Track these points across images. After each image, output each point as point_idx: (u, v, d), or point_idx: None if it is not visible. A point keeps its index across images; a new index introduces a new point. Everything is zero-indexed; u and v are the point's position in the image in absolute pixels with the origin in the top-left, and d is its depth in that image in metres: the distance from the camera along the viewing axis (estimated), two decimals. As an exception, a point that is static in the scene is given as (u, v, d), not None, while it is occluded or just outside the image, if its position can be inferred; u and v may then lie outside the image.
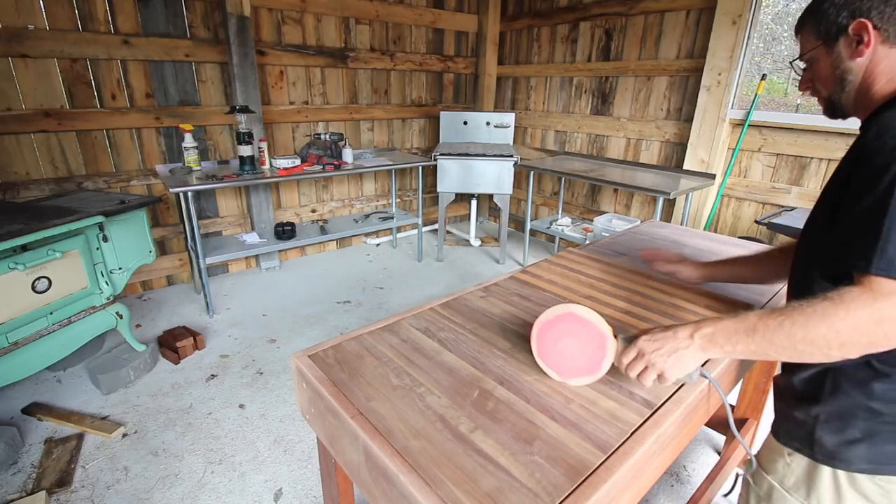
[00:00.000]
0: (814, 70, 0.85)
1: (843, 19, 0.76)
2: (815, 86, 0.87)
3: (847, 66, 0.79)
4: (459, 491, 0.65)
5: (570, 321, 0.88)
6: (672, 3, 3.04)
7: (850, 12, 0.75)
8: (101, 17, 2.63)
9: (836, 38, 0.78)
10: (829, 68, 0.82)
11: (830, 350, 0.67)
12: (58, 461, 1.75)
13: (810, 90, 0.88)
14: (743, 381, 1.76)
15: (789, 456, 0.87)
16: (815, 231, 0.83)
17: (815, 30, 0.81)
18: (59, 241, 1.90)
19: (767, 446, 0.94)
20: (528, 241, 3.72)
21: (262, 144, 2.97)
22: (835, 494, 0.81)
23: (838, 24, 0.77)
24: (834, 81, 0.82)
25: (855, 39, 0.76)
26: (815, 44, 0.82)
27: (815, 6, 0.81)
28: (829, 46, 0.80)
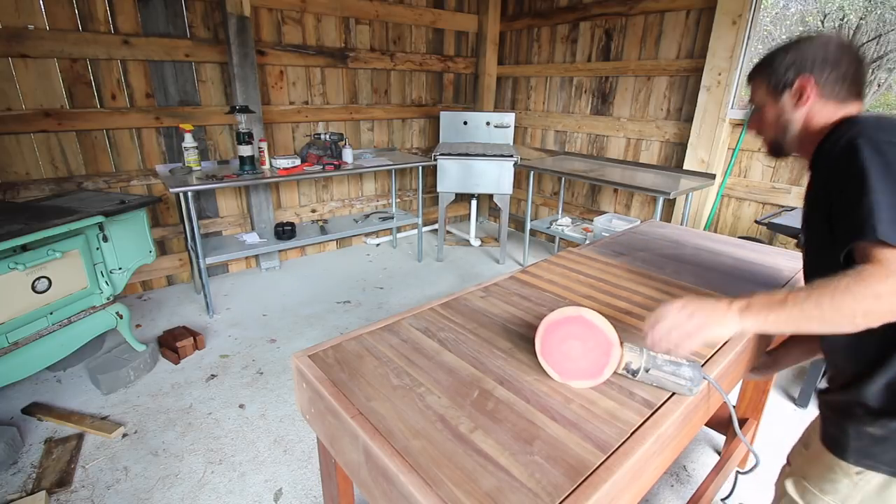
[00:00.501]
0: (762, 115, 0.98)
1: (790, 76, 0.91)
2: (760, 128, 1.00)
3: (789, 115, 0.93)
4: (459, 491, 0.65)
5: (579, 324, 0.88)
6: (672, 3, 3.04)
7: (795, 71, 0.90)
8: (101, 17, 2.63)
9: (783, 91, 0.93)
10: (774, 115, 0.96)
11: (855, 318, 0.70)
12: (58, 461, 1.75)
13: (756, 131, 1.02)
14: (743, 381, 1.76)
15: (858, 475, 0.84)
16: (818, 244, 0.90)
17: (766, 82, 0.95)
18: (59, 241, 1.90)
19: (818, 461, 0.91)
20: (528, 241, 3.72)
21: (262, 144, 2.97)
22: None
23: (785, 80, 0.91)
24: (778, 126, 0.96)
25: (798, 93, 0.91)
26: (764, 94, 0.96)
27: (767, 62, 0.95)
28: (775, 97, 0.94)
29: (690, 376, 0.85)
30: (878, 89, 9.27)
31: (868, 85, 0.94)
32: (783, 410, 2.15)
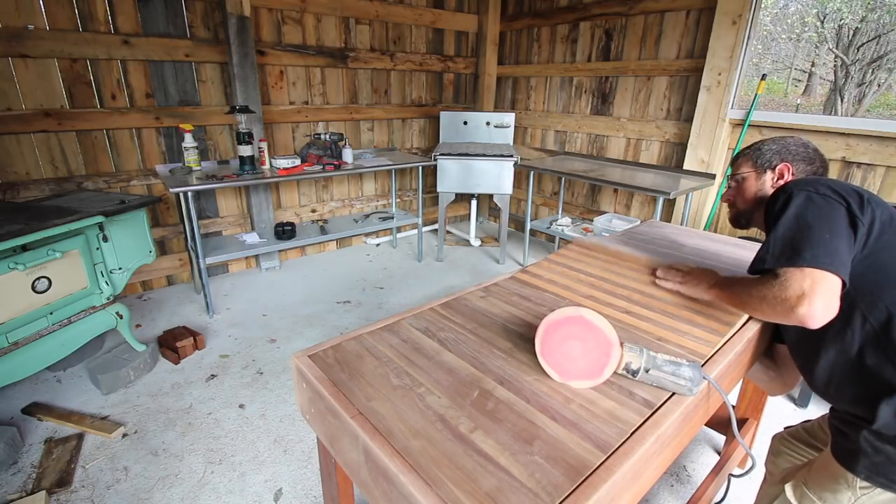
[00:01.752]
0: (740, 187, 1.18)
1: (775, 159, 1.13)
2: (736, 199, 1.19)
3: (766, 191, 1.14)
4: (459, 491, 0.65)
5: (579, 324, 0.88)
6: (672, 3, 3.04)
7: (780, 157, 1.13)
8: (101, 17, 2.63)
9: (765, 171, 1.14)
10: (753, 189, 1.15)
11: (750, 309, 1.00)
12: (58, 461, 1.75)
13: (730, 201, 1.21)
14: (743, 382, 1.76)
15: (862, 490, 0.88)
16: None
17: (753, 161, 1.16)
18: (59, 241, 1.90)
19: (824, 471, 0.94)
20: (528, 241, 3.72)
21: (262, 144, 2.97)
22: None
23: (769, 162, 1.14)
24: (753, 200, 1.16)
25: (779, 175, 1.13)
26: (749, 170, 1.17)
27: (756, 146, 1.17)
28: (758, 175, 1.15)
29: (690, 376, 0.85)
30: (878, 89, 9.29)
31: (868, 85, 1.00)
32: (783, 410, 2.15)
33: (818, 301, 0.82)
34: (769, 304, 0.90)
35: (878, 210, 0.90)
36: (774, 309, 0.89)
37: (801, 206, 0.91)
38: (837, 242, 0.85)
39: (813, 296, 0.82)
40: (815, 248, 0.84)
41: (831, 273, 0.82)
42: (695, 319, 1.12)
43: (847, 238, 0.86)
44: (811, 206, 0.90)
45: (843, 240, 0.86)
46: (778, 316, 0.89)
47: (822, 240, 0.85)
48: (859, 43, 9.34)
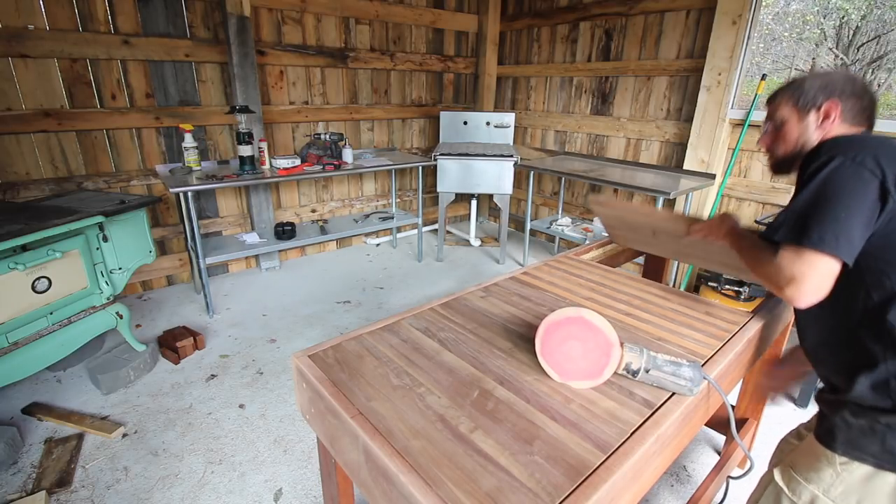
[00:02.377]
0: (780, 131, 1.04)
1: (819, 98, 0.97)
2: (774, 143, 1.06)
3: (809, 136, 1.00)
4: (459, 491, 0.65)
5: (579, 325, 0.88)
6: (672, 3, 3.04)
7: (826, 94, 0.97)
8: (101, 17, 2.63)
9: (808, 111, 0.99)
10: (795, 133, 1.01)
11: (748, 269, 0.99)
12: (58, 461, 1.75)
13: (768, 145, 1.08)
14: (743, 382, 1.76)
15: (843, 465, 0.89)
16: None
17: (793, 100, 1.01)
18: (59, 241, 1.90)
19: (807, 452, 0.96)
20: (528, 241, 3.72)
21: (262, 144, 2.97)
22: (892, 500, 0.86)
23: (814, 100, 0.98)
24: (795, 144, 1.02)
25: (824, 115, 0.97)
26: (790, 112, 1.02)
27: (796, 84, 1.02)
28: (800, 116, 1.00)
29: (690, 376, 0.85)
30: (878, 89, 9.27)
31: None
32: (783, 410, 2.15)
33: (809, 285, 0.83)
34: (764, 275, 0.92)
35: None
36: (767, 281, 0.91)
37: (829, 176, 0.84)
38: (852, 221, 0.81)
39: (805, 280, 0.83)
40: (824, 227, 0.82)
41: (831, 257, 0.81)
42: (694, 324, 1.12)
43: (867, 215, 0.82)
44: (839, 176, 0.83)
45: (861, 217, 0.81)
46: (769, 286, 0.92)
47: (836, 218, 0.81)
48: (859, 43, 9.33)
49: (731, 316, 1.16)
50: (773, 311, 1.22)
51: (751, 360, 1.21)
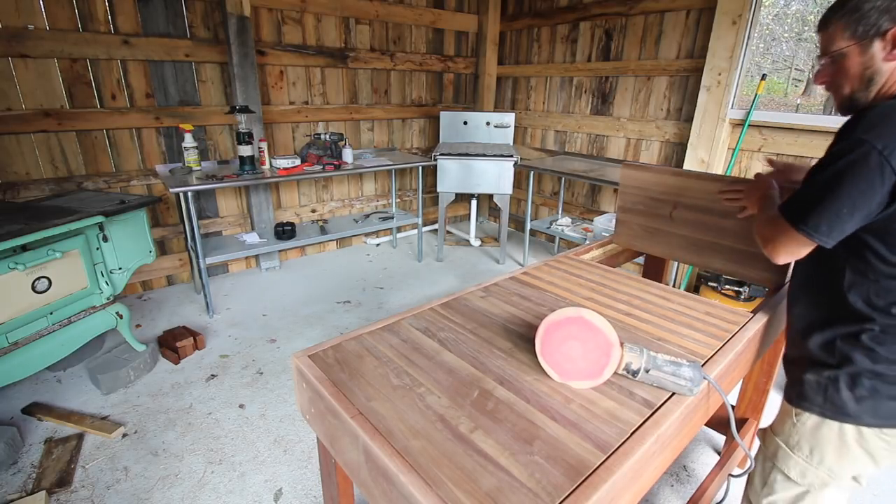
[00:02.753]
0: (839, 66, 0.88)
1: (885, 23, 0.80)
2: (834, 81, 0.91)
3: (878, 68, 0.84)
4: (459, 491, 0.65)
5: (579, 325, 0.88)
6: (672, 3, 3.04)
7: (892, 18, 0.80)
8: (101, 17, 2.63)
9: (873, 40, 0.82)
10: (858, 67, 0.85)
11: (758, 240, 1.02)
12: (58, 461, 1.75)
13: (827, 84, 0.93)
14: (743, 382, 1.76)
15: (797, 416, 1.00)
16: None
17: (850, 29, 0.84)
18: (59, 241, 1.90)
19: (780, 413, 1.07)
20: (528, 241, 3.72)
21: (262, 144, 2.97)
22: (838, 447, 0.95)
23: (878, 27, 0.81)
24: (861, 80, 0.87)
25: (891, 44, 0.81)
26: (847, 42, 0.85)
27: (853, 6, 0.84)
28: (863, 46, 0.84)
29: (691, 376, 0.85)
30: (878, 89, 9.22)
31: None
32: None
33: (785, 254, 0.95)
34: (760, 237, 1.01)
35: None
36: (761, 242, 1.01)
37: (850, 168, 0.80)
38: (852, 218, 0.82)
39: (782, 249, 0.94)
40: (822, 217, 0.85)
41: (809, 237, 0.88)
42: (694, 324, 1.12)
43: (868, 213, 0.81)
44: (859, 172, 0.79)
45: (861, 216, 0.82)
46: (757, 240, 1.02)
47: (838, 214, 0.83)
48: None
49: (731, 316, 1.16)
50: (773, 311, 1.22)
51: (751, 360, 1.21)
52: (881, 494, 1.72)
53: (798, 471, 1.01)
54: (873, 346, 0.88)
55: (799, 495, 1.02)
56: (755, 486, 1.11)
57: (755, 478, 1.11)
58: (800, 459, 1.00)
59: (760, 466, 1.10)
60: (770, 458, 1.06)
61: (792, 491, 1.03)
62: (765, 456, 1.08)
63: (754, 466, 1.13)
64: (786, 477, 1.03)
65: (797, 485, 1.02)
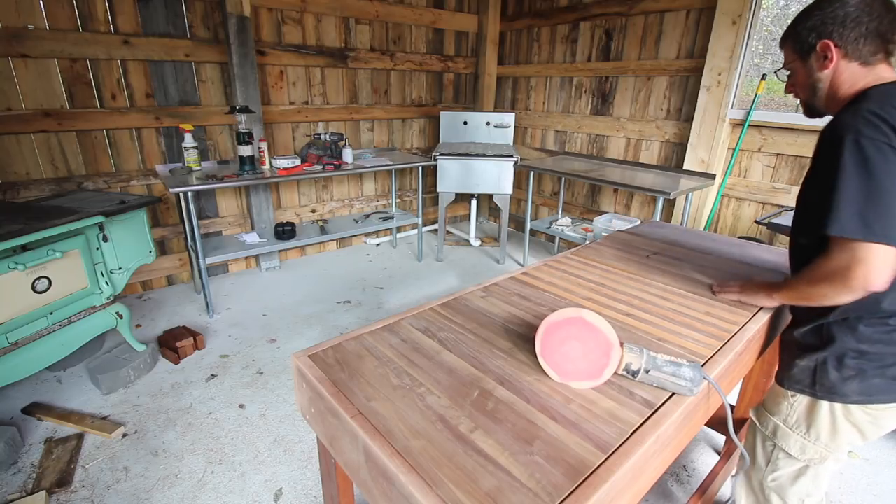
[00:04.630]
0: (794, 78, 1.06)
1: (812, 40, 0.97)
2: (795, 90, 1.09)
3: (817, 76, 1.00)
4: (459, 491, 0.65)
5: (579, 325, 0.88)
6: (672, 3, 3.04)
7: (817, 34, 0.96)
8: (101, 17, 2.63)
9: (809, 54, 1.00)
10: (804, 78, 1.03)
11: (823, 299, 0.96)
12: (58, 461, 1.75)
13: (792, 93, 1.10)
14: (743, 382, 1.76)
15: (792, 398, 1.09)
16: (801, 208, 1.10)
17: (793, 47, 1.03)
18: (59, 241, 1.90)
19: (772, 392, 1.16)
20: (528, 241, 3.72)
21: (262, 144, 2.97)
22: (831, 425, 1.04)
23: (809, 43, 0.98)
24: (808, 88, 1.04)
25: (822, 55, 0.97)
26: (793, 57, 1.04)
27: (792, 29, 1.02)
28: (803, 60, 1.01)
29: (691, 377, 0.85)
30: (878, 89, 9.22)
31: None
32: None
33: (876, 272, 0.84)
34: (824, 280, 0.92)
35: None
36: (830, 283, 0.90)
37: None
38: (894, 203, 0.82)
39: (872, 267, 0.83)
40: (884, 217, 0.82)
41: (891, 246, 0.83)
42: (694, 324, 1.12)
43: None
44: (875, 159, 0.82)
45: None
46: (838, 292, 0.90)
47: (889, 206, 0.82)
48: None
49: (731, 316, 1.16)
50: (773, 311, 1.22)
51: (751, 361, 1.21)
52: (881, 494, 1.72)
53: (798, 448, 1.09)
54: (856, 325, 0.98)
55: (800, 470, 1.12)
56: (758, 464, 1.19)
57: (757, 458, 1.20)
58: (799, 437, 1.09)
59: (761, 446, 1.18)
60: (770, 438, 1.15)
61: (794, 466, 1.12)
62: (763, 436, 1.17)
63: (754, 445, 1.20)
64: (787, 454, 1.12)
65: (797, 460, 1.11)
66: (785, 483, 1.15)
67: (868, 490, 1.73)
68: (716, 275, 1.40)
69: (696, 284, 1.33)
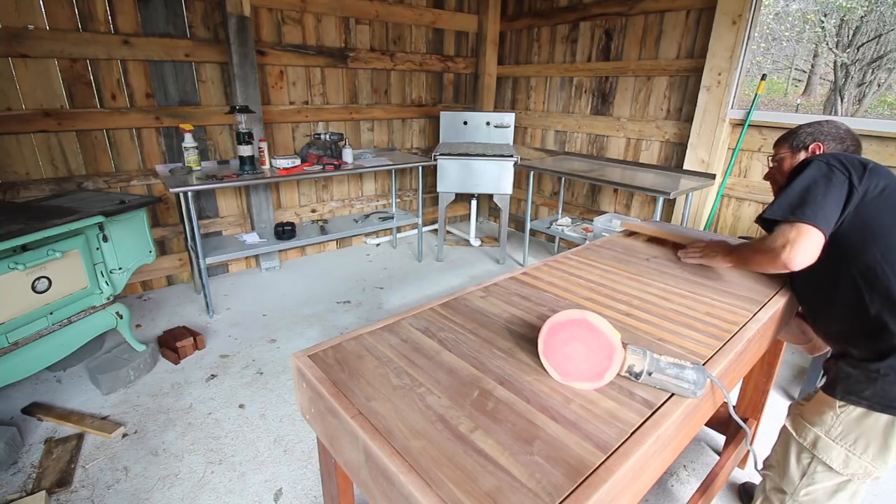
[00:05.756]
0: (780, 167, 1.34)
1: (808, 140, 1.30)
2: (775, 177, 1.36)
3: None
4: (459, 491, 0.65)
5: (583, 327, 0.88)
6: (672, 3, 3.04)
7: (812, 138, 1.29)
8: (101, 17, 2.63)
9: (800, 151, 1.31)
10: (789, 167, 1.30)
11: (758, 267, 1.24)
12: (58, 461, 1.75)
13: (771, 179, 1.39)
14: (743, 382, 1.76)
15: (840, 409, 1.08)
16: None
17: (789, 143, 1.33)
18: (59, 241, 1.90)
19: (815, 402, 1.15)
20: (528, 241, 3.72)
21: (262, 144, 2.97)
22: (884, 438, 1.03)
23: (804, 142, 1.30)
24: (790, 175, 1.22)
25: (810, 153, 1.27)
26: (785, 151, 1.33)
27: (793, 131, 1.33)
28: (794, 154, 1.31)
29: (694, 379, 0.84)
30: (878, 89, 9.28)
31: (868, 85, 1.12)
32: (783, 410, 2.15)
33: (800, 248, 1.06)
34: (763, 253, 1.15)
35: (875, 179, 1.08)
36: (766, 256, 1.13)
37: (812, 172, 1.11)
38: (828, 203, 1.06)
39: (798, 244, 1.06)
40: (809, 206, 1.06)
41: (814, 227, 1.05)
42: (695, 325, 1.12)
43: (837, 201, 1.07)
44: (819, 172, 1.10)
45: (834, 201, 1.06)
46: (768, 262, 1.14)
47: (817, 200, 1.06)
48: (859, 43, 9.32)
49: (732, 316, 1.16)
50: (773, 312, 1.22)
51: (751, 361, 1.21)
52: (881, 494, 1.72)
53: (841, 461, 1.07)
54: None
55: (840, 484, 1.10)
56: (790, 476, 1.17)
57: (790, 471, 1.17)
58: (843, 449, 1.07)
59: (795, 458, 1.16)
60: (808, 450, 1.12)
61: (834, 480, 1.10)
62: (800, 447, 1.14)
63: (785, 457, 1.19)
64: (827, 467, 1.10)
65: (839, 474, 1.09)
66: (820, 498, 1.13)
67: (868, 490, 1.73)
68: (716, 275, 1.40)
69: (696, 285, 1.33)
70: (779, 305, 1.25)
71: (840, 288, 1.10)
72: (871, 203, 1.06)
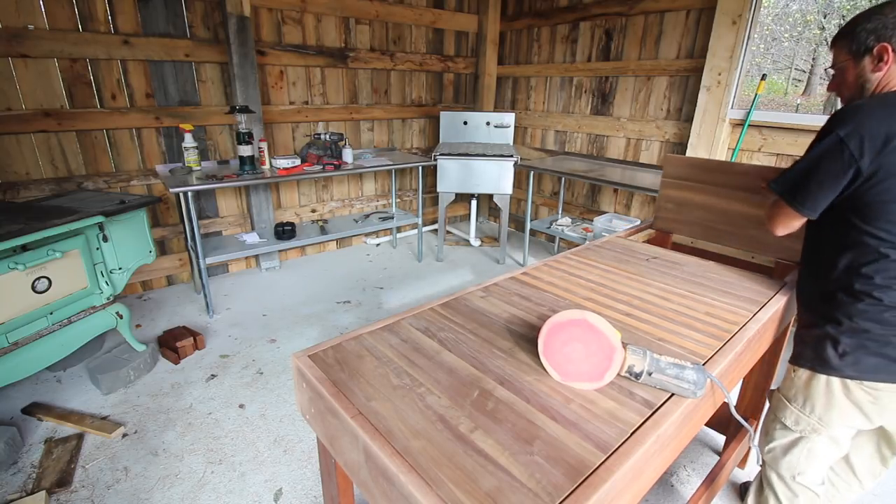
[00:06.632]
0: (842, 77, 1.11)
1: (871, 42, 1.03)
2: (839, 88, 1.14)
3: (867, 77, 1.05)
4: (459, 491, 0.65)
5: (583, 328, 0.88)
6: (672, 3, 3.04)
7: (876, 37, 1.02)
8: (101, 17, 2.63)
9: (863, 56, 1.05)
10: (853, 77, 1.08)
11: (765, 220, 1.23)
12: (58, 461, 1.75)
13: (836, 91, 1.16)
14: (743, 382, 1.76)
15: (794, 372, 1.17)
16: None
17: (847, 47, 1.07)
18: (59, 241, 1.90)
19: (786, 376, 1.22)
20: (528, 242, 3.72)
21: (262, 144, 2.97)
22: (826, 398, 1.11)
23: (866, 45, 1.04)
24: (856, 87, 1.09)
25: (877, 58, 1.02)
26: (845, 57, 1.08)
27: (849, 29, 1.07)
28: (856, 61, 1.07)
29: (695, 380, 0.84)
30: (878, 89, 9.21)
31: None
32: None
33: (779, 223, 1.15)
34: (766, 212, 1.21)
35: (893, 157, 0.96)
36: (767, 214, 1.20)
37: (822, 150, 1.03)
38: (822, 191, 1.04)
39: (777, 220, 1.15)
40: (801, 191, 1.07)
41: (799, 214, 1.09)
42: (695, 325, 1.12)
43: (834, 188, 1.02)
44: (828, 153, 1.01)
45: (829, 188, 1.03)
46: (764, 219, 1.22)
47: (810, 188, 1.05)
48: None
49: (732, 316, 1.16)
50: (773, 312, 1.22)
51: (751, 361, 1.21)
52: (881, 494, 1.72)
53: (793, 419, 1.18)
54: (853, 303, 1.04)
55: (793, 441, 1.20)
56: (760, 435, 1.31)
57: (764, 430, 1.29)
58: (794, 409, 1.17)
59: (768, 421, 1.27)
60: (773, 411, 1.24)
61: (788, 437, 1.20)
62: (770, 411, 1.26)
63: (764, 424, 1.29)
64: (783, 425, 1.20)
65: (792, 431, 1.19)
66: (778, 454, 1.23)
67: (868, 490, 1.72)
68: (716, 275, 1.40)
69: (696, 285, 1.33)
70: (779, 305, 1.25)
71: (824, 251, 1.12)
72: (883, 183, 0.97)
